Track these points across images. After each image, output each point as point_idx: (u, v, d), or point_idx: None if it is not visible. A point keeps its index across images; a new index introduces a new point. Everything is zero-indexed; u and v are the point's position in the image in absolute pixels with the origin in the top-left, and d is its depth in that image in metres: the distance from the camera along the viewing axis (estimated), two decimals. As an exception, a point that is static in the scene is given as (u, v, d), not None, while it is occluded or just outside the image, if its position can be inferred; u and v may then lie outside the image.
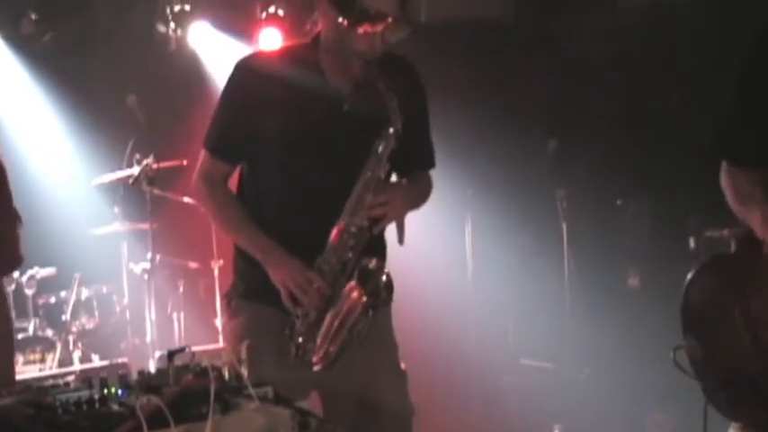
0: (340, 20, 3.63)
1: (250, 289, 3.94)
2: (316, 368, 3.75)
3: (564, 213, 7.61)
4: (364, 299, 3.66)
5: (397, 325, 4.10)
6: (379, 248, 3.88)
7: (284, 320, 3.78)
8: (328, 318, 3.71)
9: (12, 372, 4.17)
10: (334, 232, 3.71)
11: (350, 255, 3.72)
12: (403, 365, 4.04)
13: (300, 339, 3.75)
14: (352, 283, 3.69)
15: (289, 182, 3.82)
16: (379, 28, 3.61)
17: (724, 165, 3.76)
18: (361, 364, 3.85)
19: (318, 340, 3.73)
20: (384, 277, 3.71)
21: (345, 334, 3.70)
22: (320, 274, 3.72)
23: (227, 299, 4.07)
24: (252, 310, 3.92)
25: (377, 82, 3.64)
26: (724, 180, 3.77)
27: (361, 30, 3.61)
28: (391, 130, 3.66)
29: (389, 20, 3.61)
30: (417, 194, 4.05)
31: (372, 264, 3.71)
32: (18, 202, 4.10)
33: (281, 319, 3.79)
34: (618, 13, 8.28)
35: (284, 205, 3.85)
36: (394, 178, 4.02)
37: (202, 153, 3.95)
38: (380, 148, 3.68)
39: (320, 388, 3.94)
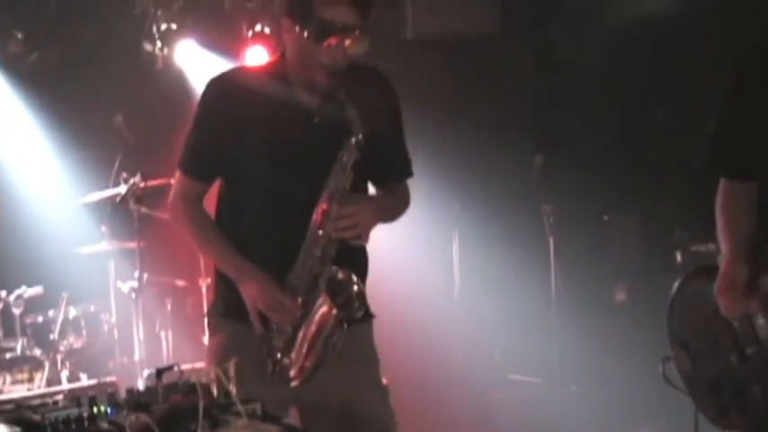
0: (305, 35, 3.65)
1: (229, 307, 3.94)
2: (293, 384, 3.75)
3: (551, 228, 7.62)
4: (334, 312, 3.66)
5: (385, 340, 4.10)
6: (357, 260, 3.88)
7: (262, 338, 3.79)
8: (302, 333, 3.71)
9: None
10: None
11: (320, 267, 3.72)
12: (385, 380, 4.03)
13: (278, 355, 3.76)
14: (323, 296, 3.68)
15: (265, 197, 3.83)
16: (344, 41, 3.63)
17: (722, 183, 3.79)
18: (341, 380, 3.85)
19: (293, 355, 3.73)
20: (355, 287, 3.70)
21: (320, 348, 3.70)
22: (292, 289, 3.73)
23: (207, 317, 4.08)
24: (231, 329, 3.93)
25: (338, 92, 3.66)
26: (719, 200, 3.80)
27: (324, 43, 3.63)
28: (353, 141, 3.65)
29: (355, 33, 3.63)
30: (390, 205, 4.03)
31: (341, 274, 3.70)
32: (4, 222, 4.08)
33: (258, 336, 3.80)
34: (605, 28, 8.30)
35: (261, 220, 3.85)
36: (372, 191, 4.04)
37: (177, 173, 3.98)
38: (343, 159, 3.68)
39: (299, 404, 3.94)
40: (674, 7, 7.65)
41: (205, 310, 7.56)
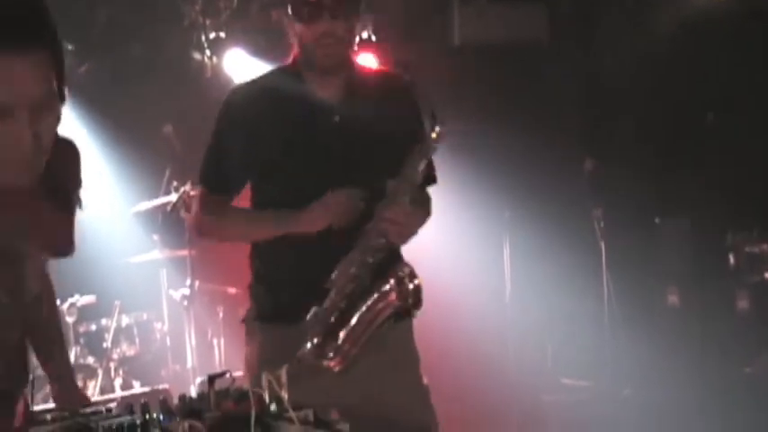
0: (293, 18, 3.73)
1: (261, 309, 3.92)
2: (335, 367, 3.68)
3: (602, 233, 7.60)
4: (398, 302, 3.61)
5: (437, 346, 4.08)
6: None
7: (298, 336, 3.69)
8: (356, 316, 3.64)
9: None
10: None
11: (377, 258, 3.65)
12: (426, 380, 3.97)
13: (322, 338, 3.67)
14: (391, 283, 3.63)
15: (296, 201, 3.77)
16: (329, 14, 3.66)
17: None
18: (380, 381, 3.81)
19: (342, 334, 3.65)
20: (417, 281, 3.64)
21: (367, 335, 3.64)
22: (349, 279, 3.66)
23: (244, 324, 4.05)
24: (265, 332, 3.89)
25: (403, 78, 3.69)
26: None
27: (311, 22, 3.69)
28: (432, 134, 3.52)
29: (339, 3, 3.66)
30: (426, 217, 3.95)
31: (405, 270, 3.66)
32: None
33: (294, 335, 3.72)
34: (653, 32, 8.27)
35: None
36: None
37: (198, 189, 4.00)
38: (422, 153, 3.59)
39: (337, 407, 3.91)
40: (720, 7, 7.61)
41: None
